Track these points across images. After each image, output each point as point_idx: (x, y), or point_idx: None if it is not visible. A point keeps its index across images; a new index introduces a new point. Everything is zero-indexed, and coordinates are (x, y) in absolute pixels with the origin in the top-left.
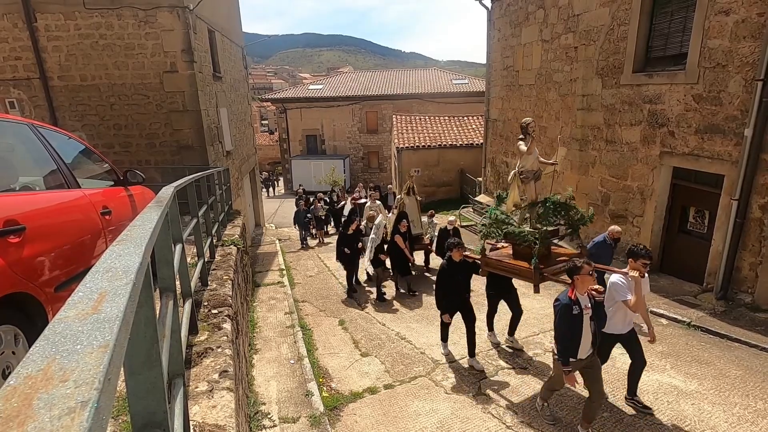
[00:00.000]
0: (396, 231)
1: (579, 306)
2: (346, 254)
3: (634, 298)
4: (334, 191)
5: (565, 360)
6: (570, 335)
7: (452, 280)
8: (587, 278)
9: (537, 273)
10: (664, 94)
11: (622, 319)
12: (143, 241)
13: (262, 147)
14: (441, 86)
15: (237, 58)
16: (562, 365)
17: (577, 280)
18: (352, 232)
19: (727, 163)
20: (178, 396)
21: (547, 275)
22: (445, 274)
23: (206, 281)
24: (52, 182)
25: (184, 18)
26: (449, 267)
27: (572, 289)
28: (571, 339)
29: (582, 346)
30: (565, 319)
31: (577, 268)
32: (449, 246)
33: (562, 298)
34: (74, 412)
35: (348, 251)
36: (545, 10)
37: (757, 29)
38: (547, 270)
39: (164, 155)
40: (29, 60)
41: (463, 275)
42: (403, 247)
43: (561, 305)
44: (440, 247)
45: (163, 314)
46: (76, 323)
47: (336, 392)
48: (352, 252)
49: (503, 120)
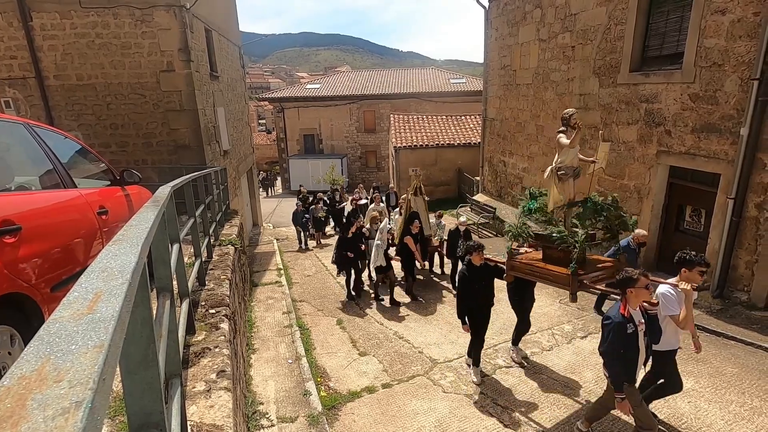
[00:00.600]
0: (407, 232)
1: (633, 323)
2: (346, 258)
3: (683, 312)
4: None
5: (620, 386)
6: (626, 357)
7: (473, 287)
8: (643, 292)
9: (575, 280)
10: (661, 93)
11: (674, 332)
12: (139, 240)
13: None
14: (438, 85)
15: (234, 58)
16: (616, 392)
17: (630, 294)
18: (353, 235)
19: (724, 161)
20: (175, 396)
21: (586, 283)
22: (466, 281)
23: (204, 281)
24: (48, 182)
25: (181, 17)
26: (470, 273)
27: (624, 305)
28: (628, 362)
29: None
30: (620, 340)
31: (631, 279)
32: (469, 249)
33: (613, 316)
34: (68, 412)
35: (350, 255)
36: (542, 9)
37: (753, 29)
38: (585, 277)
39: (161, 155)
40: (25, 59)
41: (485, 281)
42: (413, 250)
43: (614, 324)
44: (451, 249)
45: (160, 314)
46: (71, 323)
47: (334, 392)
48: (354, 256)
49: (501, 119)
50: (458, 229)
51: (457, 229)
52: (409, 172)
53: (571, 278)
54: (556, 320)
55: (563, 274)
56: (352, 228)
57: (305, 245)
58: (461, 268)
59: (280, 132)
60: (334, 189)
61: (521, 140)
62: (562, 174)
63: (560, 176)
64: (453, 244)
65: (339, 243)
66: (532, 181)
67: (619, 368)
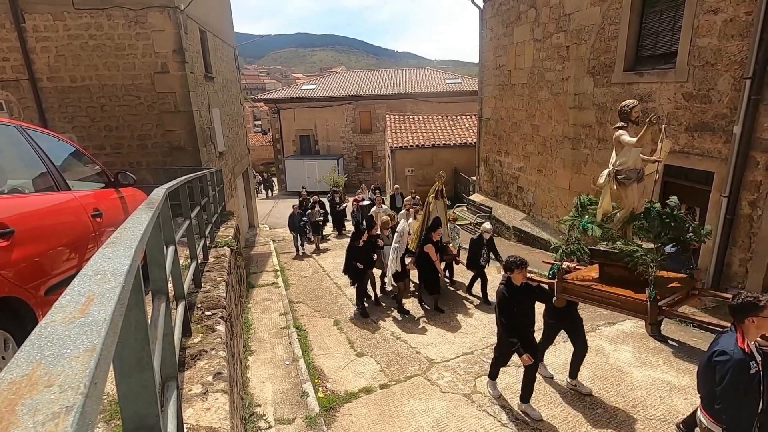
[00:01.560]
0: (428, 240)
1: (755, 361)
2: (357, 269)
3: None
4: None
5: None
6: (745, 404)
7: (512, 310)
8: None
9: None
10: (655, 92)
11: None
12: (133, 243)
13: (256, 147)
14: (434, 86)
15: (229, 59)
16: None
17: (750, 325)
18: (363, 244)
19: (717, 160)
20: (171, 399)
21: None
22: (507, 302)
23: (200, 283)
24: (41, 185)
25: (175, 18)
26: (509, 293)
27: (742, 337)
28: (748, 410)
29: None
30: (740, 381)
31: (756, 306)
32: (510, 266)
33: (730, 351)
34: (58, 417)
35: (360, 266)
36: (537, 9)
37: (745, 28)
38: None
39: (156, 156)
40: (17, 61)
41: (526, 304)
42: (434, 259)
43: (733, 362)
44: (473, 259)
45: (155, 317)
46: (63, 327)
47: (331, 393)
48: (366, 266)
49: (496, 119)
50: (481, 237)
51: (480, 237)
52: (405, 173)
53: (650, 306)
54: None
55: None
56: (363, 236)
57: (302, 251)
58: (500, 289)
59: (276, 133)
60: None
61: (517, 140)
62: (623, 178)
63: (621, 181)
64: (476, 254)
65: (349, 251)
66: (528, 180)
67: (740, 418)
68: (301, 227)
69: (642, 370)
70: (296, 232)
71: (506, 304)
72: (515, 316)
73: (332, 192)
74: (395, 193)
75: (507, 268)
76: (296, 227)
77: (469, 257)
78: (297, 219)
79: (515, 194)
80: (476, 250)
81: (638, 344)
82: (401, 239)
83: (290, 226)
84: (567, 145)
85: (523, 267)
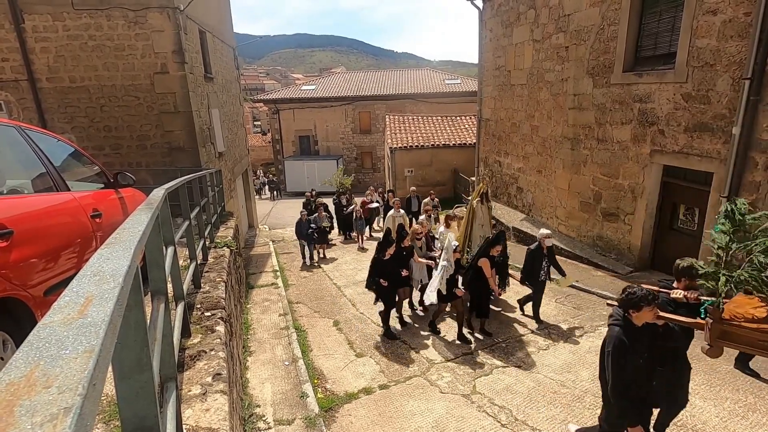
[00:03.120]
0: (484, 254)
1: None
2: (382, 286)
3: None
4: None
5: None
6: None
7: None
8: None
9: None
10: (654, 93)
11: None
12: (132, 243)
13: (255, 148)
14: (434, 86)
15: (228, 59)
16: None
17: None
18: (390, 257)
19: (716, 160)
20: (170, 400)
21: None
22: (626, 353)
23: (199, 283)
24: (40, 185)
25: (175, 18)
26: (628, 337)
27: None
28: None
29: None
30: None
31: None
32: (632, 302)
33: None
34: (56, 418)
35: (385, 283)
36: (536, 10)
37: (744, 29)
38: None
39: (155, 157)
40: (17, 61)
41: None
42: (489, 276)
43: None
44: (529, 273)
45: (154, 317)
46: (62, 328)
47: (331, 393)
48: (394, 282)
49: (495, 120)
50: (540, 246)
51: (538, 247)
52: (404, 173)
53: None
54: (552, 319)
55: None
56: (389, 249)
57: (310, 260)
58: (616, 332)
59: (276, 133)
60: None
61: (516, 140)
62: None
63: None
64: (534, 267)
65: (374, 266)
66: (527, 181)
67: None
68: (309, 234)
69: None
70: (304, 239)
71: (626, 356)
72: (636, 373)
73: (338, 194)
74: (411, 195)
75: (628, 303)
76: (304, 235)
77: (525, 270)
78: (305, 226)
79: (515, 195)
80: (535, 262)
81: None
82: (448, 255)
83: (297, 233)
84: (566, 145)
85: (653, 303)
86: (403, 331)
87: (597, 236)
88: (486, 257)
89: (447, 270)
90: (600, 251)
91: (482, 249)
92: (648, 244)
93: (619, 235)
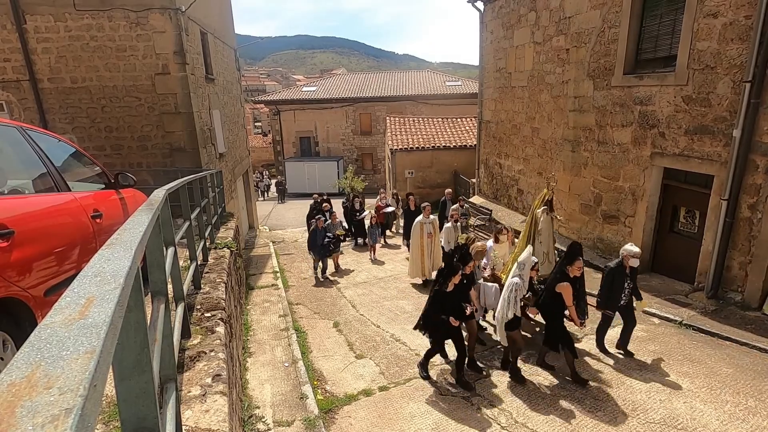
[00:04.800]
0: (563, 276)
1: None
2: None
3: None
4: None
5: None
6: None
7: None
8: None
9: None
10: (655, 95)
11: None
12: (133, 244)
13: (256, 149)
14: (434, 88)
15: (230, 60)
16: None
17: None
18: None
19: (717, 163)
20: (170, 401)
21: None
22: None
23: (199, 284)
24: (41, 185)
25: (176, 20)
26: None
27: None
28: None
29: None
30: None
31: None
32: None
33: None
34: (58, 419)
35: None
36: (537, 12)
37: (745, 31)
38: None
39: (156, 158)
40: (18, 62)
41: None
42: (569, 304)
43: None
44: (609, 295)
45: (155, 318)
46: (62, 329)
47: (331, 395)
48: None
49: (496, 121)
50: (622, 264)
51: (620, 265)
52: (405, 175)
53: None
54: None
55: None
56: (455, 278)
57: (323, 274)
58: None
59: (276, 134)
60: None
61: (517, 142)
62: None
63: None
64: (615, 290)
65: (435, 301)
66: (528, 183)
67: None
68: (324, 246)
69: (642, 373)
70: (317, 253)
71: None
72: None
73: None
74: (446, 198)
75: None
76: (318, 246)
77: (602, 293)
78: (320, 235)
79: (515, 197)
80: (614, 283)
81: (637, 347)
82: (523, 272)
83: (310, 244)
84: (567, 147)
85: None
86: (401, 332)
87: (597, 238)
88: (567, 280)
89: (520, 289)
90: (600, 253)
91: (558, 268)
92: (648, 247)
93: (620, 237)
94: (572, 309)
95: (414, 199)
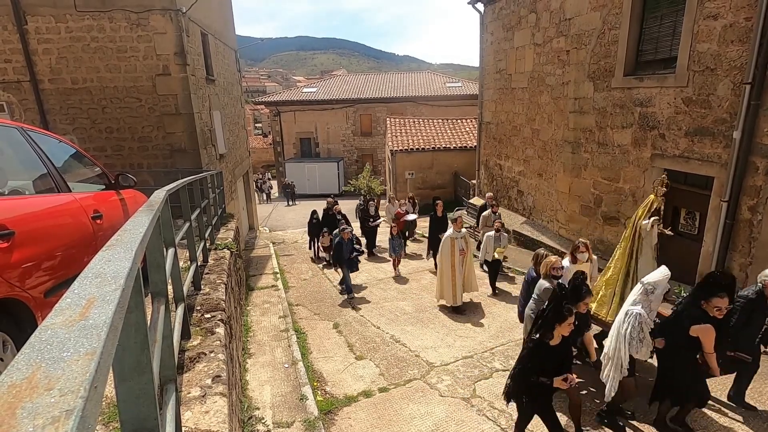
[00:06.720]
0: (699, 315)
1: None
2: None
3: None
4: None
5: None
6: None
7: None
8: None
9: None
10: (655, 97)
11: None
12: (133, 245)
13: (256, 150)
14: (435, 89)
15: (230, 61)
16: None
17: None
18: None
19: (717, 165)
20: (170, 402)
21: None
22: None
23: (199, 285)
24: (41, 186)
25: (177, 21)
26: None
27: None
28: None
29: None
30: None
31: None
32: None
33: None
34: (58, 421)
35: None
36: (537, 14)
37: (745, 33)
38: None
39: (157, 158)
40: (19, 63)
41: None
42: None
43: None
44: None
45: (155, 319)
46: (63, 330)
47: (331, 396)
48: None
49: (496, 123)
50: (763, 294)
51: (761, 296)
52: (405, 176)
53: None
54: None
55: None
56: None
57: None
58: None
59: (277, 135)
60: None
61: (517, 143)
62: None
63: None
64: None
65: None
66: (528, 184)
67: None
68: (351, 259)
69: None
70: (347, 266)
71: None
72: None
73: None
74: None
75: None
76: (345, 260)
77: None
78: (347, 248)
79: (515, 198)
80: (752, 318)
81: None
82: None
83: (336, 257)
84: (567, 149)
85: None
86: (401, 333)
87: (598, 240)
88: (706, 320)
89: (646, 323)
90: (601, 255)
91: (689, 305)
92: None
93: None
94: (711, 357)
95: (441, 205)
